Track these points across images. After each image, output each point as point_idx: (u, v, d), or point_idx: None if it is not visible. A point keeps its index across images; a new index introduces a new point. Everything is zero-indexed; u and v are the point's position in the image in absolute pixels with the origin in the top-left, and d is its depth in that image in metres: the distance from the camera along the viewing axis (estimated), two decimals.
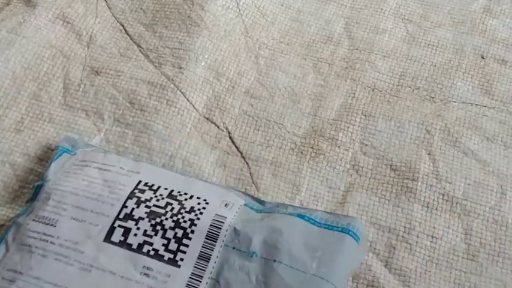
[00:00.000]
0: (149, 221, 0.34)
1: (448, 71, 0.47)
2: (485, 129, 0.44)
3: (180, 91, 0.44)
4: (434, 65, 0.47)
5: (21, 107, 0.43)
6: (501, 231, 0.39)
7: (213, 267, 0.33)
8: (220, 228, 0.34)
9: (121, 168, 0.37)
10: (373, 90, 0.46)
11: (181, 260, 0.33)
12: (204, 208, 0.35)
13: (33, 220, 0.35)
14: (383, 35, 0.49)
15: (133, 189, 0.36)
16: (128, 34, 0.48)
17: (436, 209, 0.40)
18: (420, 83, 0.46)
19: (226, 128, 0.43)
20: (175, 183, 0.37)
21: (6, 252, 0.34)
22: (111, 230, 0.34)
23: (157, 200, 0.35)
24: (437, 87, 0.46)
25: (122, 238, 0.34)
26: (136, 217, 0.34)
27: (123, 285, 0.32)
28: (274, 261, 0.33)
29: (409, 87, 0.46)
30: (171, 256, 0.33)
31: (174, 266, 0.33)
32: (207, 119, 0.44)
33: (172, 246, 0.34)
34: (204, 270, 0.33)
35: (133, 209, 0.35)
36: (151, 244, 0.34)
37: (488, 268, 0.38)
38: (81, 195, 0.35)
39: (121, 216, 0.34)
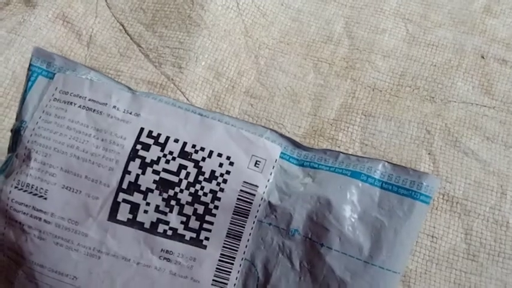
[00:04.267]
0: (160, 194, 0.28)
1: (448, 71, 0.47)
2: (485, 129, 0.44)
3: (180, 91, 0.44)
4: (435, 65, 0.47)
5: None
6: (501, 231, 0.39)
7: (246, 247, 0.27)
8: (251, 203, 0.28)
9: (115, 107, 0.29)
10: (373, 90, 0.46)
11: (207, 239, 0.28)
12: (227, 172, 0.28)
13: (16, 188, 0.28)
14: (383, 34, 0.49)
15: (135, 144, 0.28)
16: (127, 34, 0.48)
17: (436, 209, 0.40)
18: (420, 82, 0.46)
19: None
20: (188, 129, 0.29)
21: None
22: (115, 205, 0.28)
23: (167, 162, 0.28)
24: (438, 87, 0.46)
25: (130, 216, 0.28)
26: (143, 188, 0.28)
27: (141, 273, 0.27)
28: (322, 245, 0.27)
29: (409, 87, 0.46)
30: (194, 235, 0.27)
31: (198, 246, 0.27)
32: None
33: (193, 224, 0.28)
34: (236, 250, 0.27)
35: (138, 176, 0.28)
36: (167, 223, 0.28)
37: (489, 268, 0.38)
38: (70, 154, 0.28)
39: (124, 186, 0.28)
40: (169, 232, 0.28)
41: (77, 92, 0.30)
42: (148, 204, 0.28)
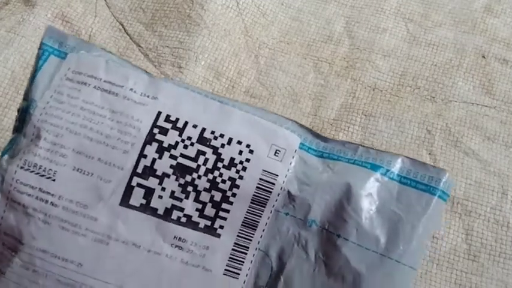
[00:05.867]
0: (177, 179, 0.27)
1: (449, 71, 0.47)
2: (486, 129, 0.44)
3: None
4: (435, 65, 0.47)
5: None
6: (502, 232, 0.39)
7: (261, 236, 0.27)
8: (270, 192, 0.27)
9: (132, 90, 0.28)
10: (373, 90, 0.46)
11: (221, 227, 0.27)
12: (247, 160, 0.27)
13: (22, 168, 0.27)
14: (383, 34, 0.49)
15: (152, 128, 0.27)
16: (127, 33, 0.47)
17: None
18: (421, 82, 0.46)
19: None
20: (207, 116, 0.28)
21: None
22: (129, 189, 0.27)
23: (185, 147, 0.27)
24: (438, 86, 0.46)
25: (144, 201, 0.27)
26: (159, 173, 0.27)
27: (151, 261, 0.26)
28: (339, 236, 0.26)
29: (410, 86, 0.46)
30: (208, 223, 0.27)
31: (212, 235, 0.27)
32: None
33: (209, 211, 0.27)
34: (250, 240, 0.27)
35: (154, 160, 0.27)
36: (181, 209, 0.27)
37: (489, 269, 0.38)
38: (83, 135, 0.27)
39: (139, 170, 0.27)
40: (184, 219, 0.27)
41: (92, 72, 0.29)
42: (163, 189, 0.27)
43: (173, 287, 0.26)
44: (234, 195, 0.27)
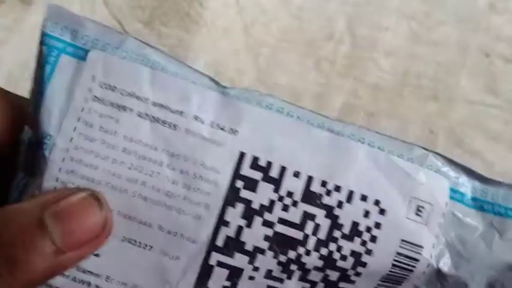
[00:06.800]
0: (275, 256, 0.19)
1: (452, 70, 0.46)
2: (489, 128, 0.43)
3: None
4: (438, 64, 0.46)
5: None
6: None
7: None
8: (412, 271, 0.19)
9: (198, 118, 0.19)
10: (375, 89, 0.45)
11: None
12: (377, 225, 0.19)
13: None
14: (386, 32, 0.48)
15: (233, 180, 0.19)
16: (125, 32, 0.47)
17: None
18: (424, 81, 0.45)
19: None
20: (315, 157, 0.19)
21: None
22: (206, 270, 0.19)
23: (285, 209, 0.19)
24: (441, 86, 0.45)
25: (228, 283, 0.19)
26: (249, 247, 0.19)
27: None
28: None
29: (413, 86, 0.45)
30: None
31: None
32: None
33: None
34: None
35: (240, 228, 0.19)
36: None
37: None
38: (132, 193, 0.18)
39: (219, 243, 0.19)
40: None
41: (132, 87, 0.19)
42: (256, 269, 0.19)
43: None
44: (357, 274, 0.19)
